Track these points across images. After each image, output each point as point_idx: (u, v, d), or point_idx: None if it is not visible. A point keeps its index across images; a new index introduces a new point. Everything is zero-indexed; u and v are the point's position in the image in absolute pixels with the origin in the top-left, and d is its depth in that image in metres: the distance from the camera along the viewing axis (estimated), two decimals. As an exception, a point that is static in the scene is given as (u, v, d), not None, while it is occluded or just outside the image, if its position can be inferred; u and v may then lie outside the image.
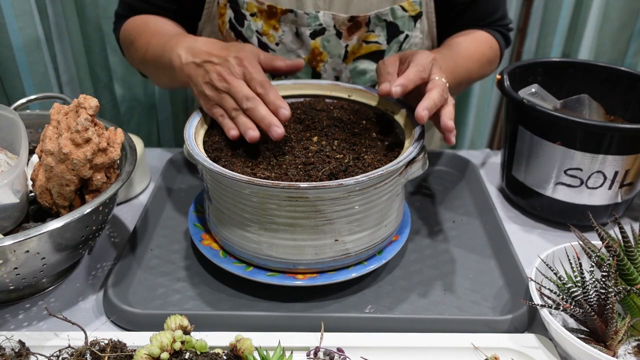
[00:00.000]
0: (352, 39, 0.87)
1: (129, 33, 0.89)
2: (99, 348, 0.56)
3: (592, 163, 0.75)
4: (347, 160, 0.66)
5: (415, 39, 0.90)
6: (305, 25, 0.85)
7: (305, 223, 0.62)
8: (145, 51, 0.84)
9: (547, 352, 0.60)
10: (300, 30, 0.86)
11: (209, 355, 0.55)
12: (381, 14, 0.85)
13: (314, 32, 0.86)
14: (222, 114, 0.70)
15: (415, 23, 0.88)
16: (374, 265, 0.68)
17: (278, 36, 0.86)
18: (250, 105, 0.68)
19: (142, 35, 0.86)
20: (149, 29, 0.86)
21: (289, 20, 0.85)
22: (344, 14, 0.85)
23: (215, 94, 0.71)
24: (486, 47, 0.92)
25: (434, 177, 0.95)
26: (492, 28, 0.95)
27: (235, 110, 0.69)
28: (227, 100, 0.70)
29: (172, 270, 0.73)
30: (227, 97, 0.70)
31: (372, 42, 0.88)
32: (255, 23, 0.86)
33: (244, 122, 0.68)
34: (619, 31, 1.41)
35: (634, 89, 0.86)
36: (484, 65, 0.92)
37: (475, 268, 0.74)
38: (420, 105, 0.64)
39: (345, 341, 0.61)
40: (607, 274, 0.58)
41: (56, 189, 0.66)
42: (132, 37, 0.88)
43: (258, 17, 0.86)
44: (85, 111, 0.63)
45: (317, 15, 0.84)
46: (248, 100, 0.68)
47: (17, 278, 0.61)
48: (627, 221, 0.85)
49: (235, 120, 0.69)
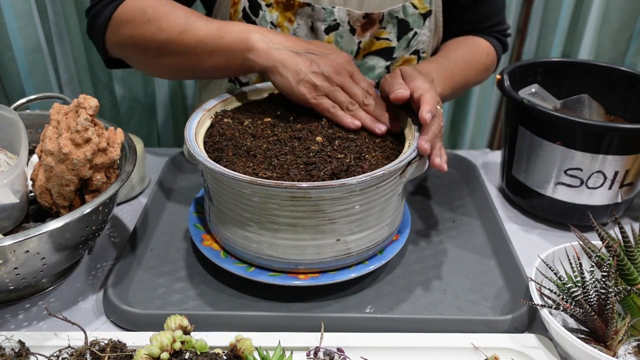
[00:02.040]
0: (366, 35, 0.87)
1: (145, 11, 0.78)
2: (99, 348, 0.56)
3: (592, 163, 0.75)
4: (349, 160, 0.66)
5: (423, 36, 0.90)
6: (321, 20, 0.85)
7: (307, 223, 0.62)
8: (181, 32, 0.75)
9: (547, 352, 0.60)
10: (315, 25, 0.86)
11: (209, 355, 0.55)
12: (394, 11, 0.86)
13: (329, 28, 0.86)
14: (333, 106, 0.71)
15: (424, 21, 0.89)
16: (375, 265, 0.68)
17: (292, 29, 0.87)
18: (370, 102, 0.71)
19: (170, 15, 0.77)
20: (181, 12, 0.77)
21: (305, 14, 0.85)
22: (358, 10, 0.85)
23: (328, 85, 0.71)
24: (483, 54, 0.93)
25: (434, 177, 0.95)
26: (490, 34, 0.96)
27: (352, 104, 0.71)
28: (342, 94, 0.71)
29: (172, 270, 0.73)
30: (340, 91, 0.71)
31: (383, 39, 0.89)
32: (271, 14, 0.86)
33: (364, 117, 0.71)
34: (619, 31, 1.42)
35: (634, 89, 0.86)
36: (480, 72, 0.93)
37: (475, 268, 0.74)
38: (421, 138, 0.65)
39: (345, 341, 0.61)
40: (607, 274, 0.58)
41: (56, 189, 0.66)
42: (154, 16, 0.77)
43: (274, 8, 0.85)
44: (85, 111, 0.63)
45: (333, 10, 0.85)
46: (367, 98, 0.72)
47: (17, 278, 0.61)
48: (627, 221, 0.85)
49: (354, 113, 0.71)
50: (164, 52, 0.78)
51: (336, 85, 0.71)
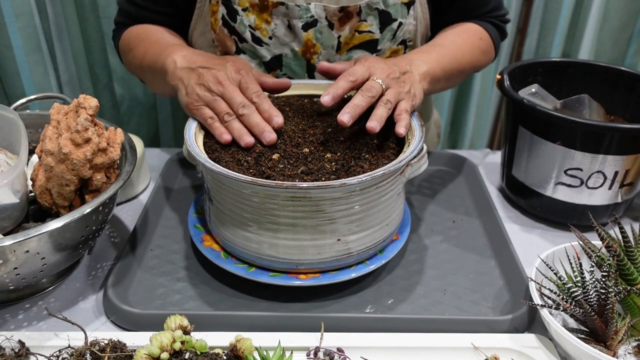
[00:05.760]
0: (344, 29, 0.87)
1: (129, 41, 0.91)
2: (99, 348, 0.56)
3: (592, 163, 0.75)
4: (349, 159, 0.66)
5: (409, 26, 0.90)
6: (297, 17, 0.85)
7: (307, 223, 0.62)
8: (142, 58, 0.85)
9: (547, 352, 0.60)
10: (292, 23, 0.86)
11: (209, 355, 0.55)
12: (372, 2, 0.85)
13: (306, 24, 0.86)
14: (211, 117, 0.71)
15: (408, 10, 0.88)
16: (376, 264, 0.68)
17: (271, 29, 0.87)
18: (246, 112, 0.69)
19: (141, 43, 0.87)
20: (149, 38, 0.88)
21: (280, 13, 0.86)
22: (335, 4, 0.85)
23: (208, 94, 0.71)
24: (475, 38, 0.91)
25: (434, 177, 0.95)
26: (484, 19, 0.94)
27: (228, 114, 0.70)
28: (220, 103, 0.71)
29: (172, 270, 0.73)
30: (220, 100, 0.71)
31: (365, 32, 0.88)
32: (248, 17, 0.86)
33: (239, 128, 0.69)
34: (619, 31, 1.42)
35: (634, 89, 0.86)
36: (476, 55, 0.91)
37: (475, 268, 0.74)
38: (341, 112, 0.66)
39: (345, 341, 0.61)
40: (607, 274, 0.58)
41: (56, 189, 0.66)
42: (132, 45, 0.89)
43: (250, 12, 0.86)
44: (85, 111, 0.63)
45: (309, 7, 0.85)
46: (244, 107, 0.69)
47: (17, 278, 0.61)
48: (627, 221, 0.85)
49: (228, 124, 0.70)
50: (146, 79, 0.90)
51: (216, 95, 0.71)
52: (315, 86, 0.82)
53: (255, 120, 0.69)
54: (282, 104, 0.79)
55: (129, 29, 0.92)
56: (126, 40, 0.91)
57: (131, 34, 0.91)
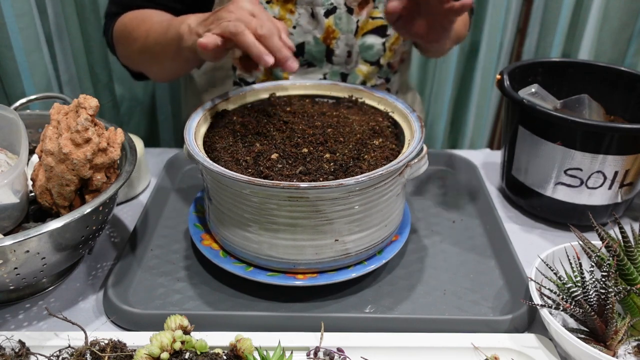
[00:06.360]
0: (362, 14, 0.92)
1: (125, 26, 0.90)
2: (99, 348, 0.56)
3: (592, 163, 0.75)
4: (347, 160, 0.66)
5: None
6: (320, 5, 0.89)
7: (306, 223, 0.62)
8: (145, 37, 0.84)
9: (547, 352, 0.60)
10: (315, 11, 0.90)
11: (209, 355, 0.55)
12: None
13: (327, 12, 0.90)
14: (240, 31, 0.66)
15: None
16: (374, 265, 0.68)
17: (295, 19, 0.90)
18: (265, 32, 0.66)
19: (142, 24, 0.86)
20: (150, 18, 0.87)
21: (304, 2, 0.89)
22: None
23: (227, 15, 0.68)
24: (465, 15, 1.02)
25: (434, 177, 0.95)
26: None
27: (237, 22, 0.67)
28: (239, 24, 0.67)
29: (172, 270, 0.73)
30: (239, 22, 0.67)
31: (377, 18, 0.94)
32: (272, 9, 0.89)
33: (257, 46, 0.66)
34: (619, 31, 1.42)
35: (634, 89, 0.86)
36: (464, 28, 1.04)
37: (475, 268, 0.74)
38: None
39: (345, 341, 0.61)
40: (607, 274, 0.58)
41: (56, 189, 0.66)
42: (130, 28, 0.88)
43: (274, 3, 0.89)
44: (85, 111, 0.63)
45: None
46: (263, 27, 0.66)
47: (17, 278, 0.61)
48: (627, 221, 0.85)
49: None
50: (149, 59, 0.88)
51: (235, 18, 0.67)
52: (315, 86, 0.83)
53: (277, 43, 0.66)
54: (283, 104, 0.79)
55: (123, 15, 0.91)
56: (122, 26, 0.90)
57: (126, 18, 0.90)
